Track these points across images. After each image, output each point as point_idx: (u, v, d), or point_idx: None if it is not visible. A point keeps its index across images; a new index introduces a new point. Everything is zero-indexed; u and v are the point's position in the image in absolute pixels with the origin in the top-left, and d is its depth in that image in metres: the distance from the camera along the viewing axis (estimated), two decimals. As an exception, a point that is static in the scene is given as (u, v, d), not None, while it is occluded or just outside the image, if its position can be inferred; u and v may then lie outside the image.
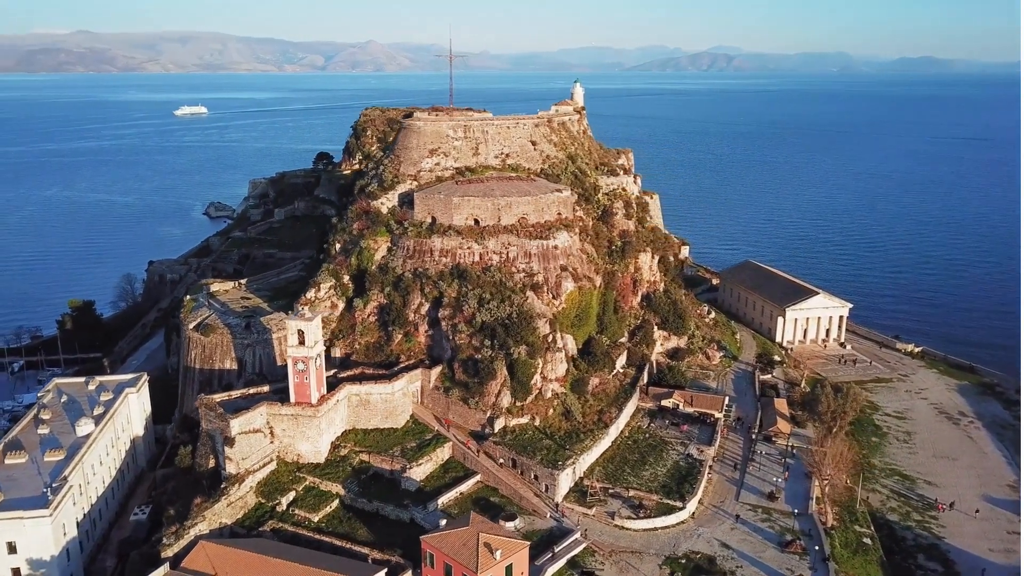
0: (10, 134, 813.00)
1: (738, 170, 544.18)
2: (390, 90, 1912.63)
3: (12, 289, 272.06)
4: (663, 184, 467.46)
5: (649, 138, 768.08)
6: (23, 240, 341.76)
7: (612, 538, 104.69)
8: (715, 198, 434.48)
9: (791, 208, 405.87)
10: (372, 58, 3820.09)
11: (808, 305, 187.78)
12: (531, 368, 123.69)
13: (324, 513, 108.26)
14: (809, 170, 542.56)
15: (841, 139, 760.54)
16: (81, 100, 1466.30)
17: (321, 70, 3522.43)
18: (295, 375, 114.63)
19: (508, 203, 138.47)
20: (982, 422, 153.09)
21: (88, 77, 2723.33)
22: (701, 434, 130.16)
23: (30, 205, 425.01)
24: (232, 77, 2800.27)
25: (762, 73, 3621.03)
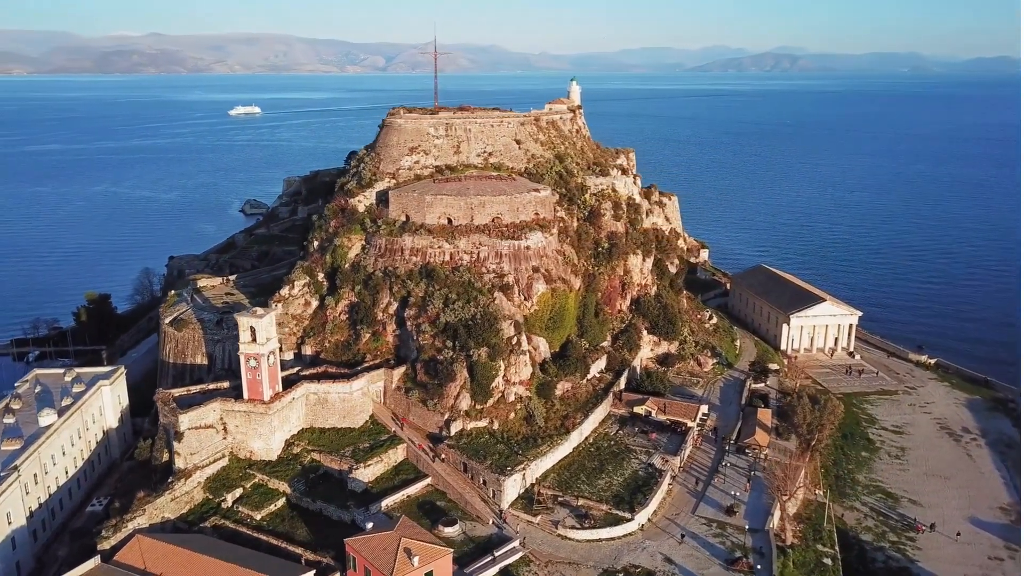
0: (74, 132, 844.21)
1: (781, 172, 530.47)
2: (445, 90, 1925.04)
3: (41, 281, 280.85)
4: (698, 186, 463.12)
5: (692, 139, 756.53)
6: (62, 233, 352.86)
7: (553, 548, 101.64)
8: (752, 200, 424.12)
9: (832, 212, 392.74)
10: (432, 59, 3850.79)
11: (814, 312, 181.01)
12: (491, 370, 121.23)
13: (268, 511, 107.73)
14: (856, 173, 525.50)
15: (897, 141, 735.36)
16: (146, 100, 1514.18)
17: (382, 71, 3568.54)
18: (247, 372, 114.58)
19: (481, 202, 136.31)
20: (985, 439, 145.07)
21: (158, 78, 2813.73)
22: (669, 443, 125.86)
23: (78, 200, 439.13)
24: (294, 78, 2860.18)
25: (828, 74, 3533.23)
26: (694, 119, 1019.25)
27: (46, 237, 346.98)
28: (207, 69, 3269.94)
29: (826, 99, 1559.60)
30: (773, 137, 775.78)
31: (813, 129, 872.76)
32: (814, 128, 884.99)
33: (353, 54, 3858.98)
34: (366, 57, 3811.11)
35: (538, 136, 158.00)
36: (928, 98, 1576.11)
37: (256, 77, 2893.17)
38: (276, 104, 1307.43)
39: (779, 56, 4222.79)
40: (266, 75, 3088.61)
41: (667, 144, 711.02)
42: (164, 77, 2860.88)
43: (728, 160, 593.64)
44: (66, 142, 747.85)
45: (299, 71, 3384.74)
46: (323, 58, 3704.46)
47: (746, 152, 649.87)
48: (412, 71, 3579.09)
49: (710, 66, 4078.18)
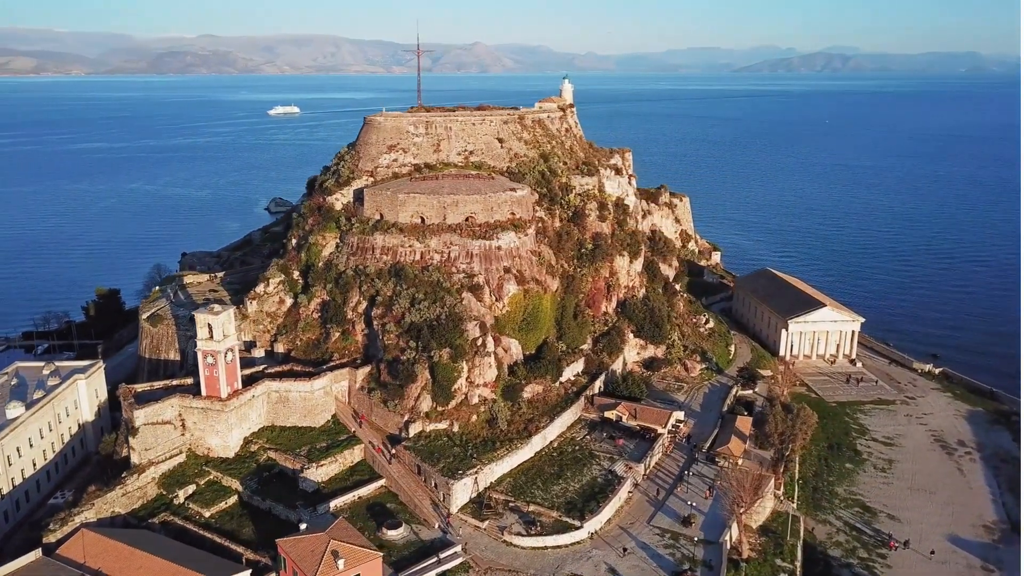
0: (120, 131, 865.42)
1: (815, 174, 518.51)
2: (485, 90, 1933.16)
3: (63, 275, 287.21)
4: (727, 187, 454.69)
5: (728, 140, 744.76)
6: (90, 229, 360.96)
7: (496, 554, 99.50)
8: (781, 202, 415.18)
9: (862, 216, 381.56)
10: (477, 60, 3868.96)
11: (813, 318, 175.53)
12: (453, 372, 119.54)
13: (218, 509, 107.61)
14: (895, 174, 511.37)
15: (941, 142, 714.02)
16: (193, 100, 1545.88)
17: (427, 71, 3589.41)
18: (205, 368, 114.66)
19: (455, 201, 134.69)
20: (981, 453, 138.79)
21: (209, 78, 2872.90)
22: (636, 450, 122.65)
23: (111, 197, 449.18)
24: (340, 78, 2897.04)
25: (881, 74, 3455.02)
26: (735, 120, 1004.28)
27: (75, 232, 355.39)
28: (257, 70, 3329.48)
29: (876, 100, 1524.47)
30: (810, 139, 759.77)
31: (856, 130, 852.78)
32: (856, 129, 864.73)
33: (399, 55, 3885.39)
34: (412, 58, 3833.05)
35: (522, 135, 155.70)
36: (982, 99, 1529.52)
37: (303, 78, 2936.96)
38: (316, 104, 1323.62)
39: (830, 56, 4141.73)
40: (313, 75, 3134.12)
41: (702, 145, 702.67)
42: (214, 78, 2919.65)
43: (761, 161, 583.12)
44: (111, 140, 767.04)
45: (346, 71, 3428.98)
46: (370, 59, 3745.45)
47: (781, 153, 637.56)
48: (457, 71, 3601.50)
49: (759, 66, 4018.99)
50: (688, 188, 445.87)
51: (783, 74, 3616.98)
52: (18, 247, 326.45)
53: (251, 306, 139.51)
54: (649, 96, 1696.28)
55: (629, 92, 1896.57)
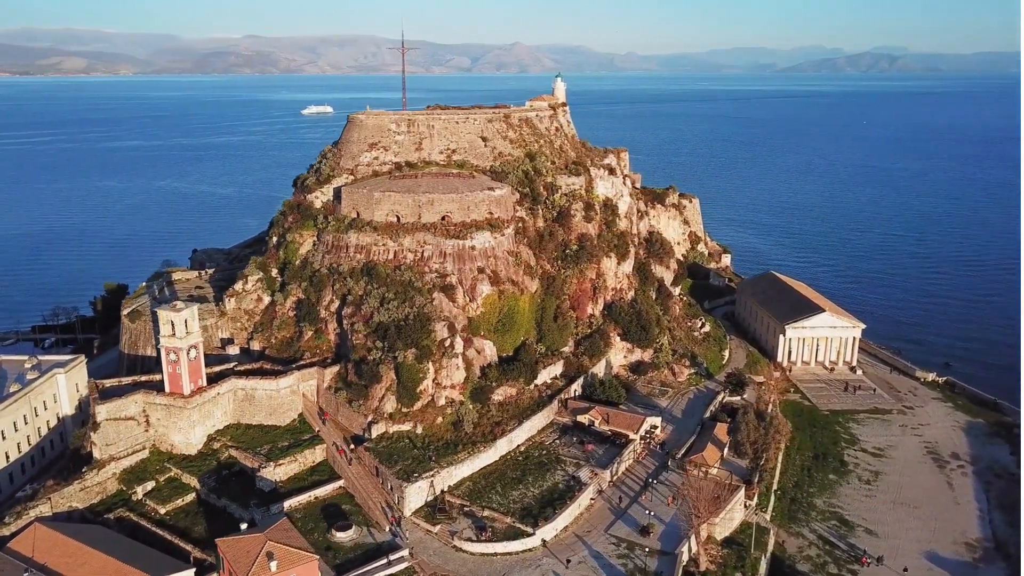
0: (158, 129, 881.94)
1: (846, 176, 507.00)
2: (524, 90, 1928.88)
3: (80, 270, 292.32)
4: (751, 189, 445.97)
5: (758, 140, 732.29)
6: (113, 225, 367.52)
7: (444, 560, 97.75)
8: (805, 205, 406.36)
9: (891, 220, 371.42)
10: (517, 60, 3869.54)
11: (811, 323, 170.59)
12: (418, 373, 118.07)
13: (174, 506, 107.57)
14: (931, 177, 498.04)
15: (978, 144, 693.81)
16: (232, 99, 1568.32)
17: (467, 72, 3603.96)
18: (168, 365, 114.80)
19: (430, 200, 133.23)
20: (974, 467, 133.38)
21: (251, 78, 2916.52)
22: (605, 456, 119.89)
23: (139, 194, 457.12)
24: (380, 78, 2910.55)
25: (930, 75, 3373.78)
26: (771, 121, 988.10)
27: (98, 228, 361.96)
28: (299, 70, 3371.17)
29: (920, 100, 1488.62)
30: (844, 140, 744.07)
31: (892, 131, 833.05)
32: (893, 130, 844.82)
33: (440, 55, 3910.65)
34: (452, 58, 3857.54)
35: (507, 133, 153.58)
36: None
37: (344, 78, 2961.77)
38: (352, 104, 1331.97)
39: (877, 56, 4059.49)
40: (354, 76, 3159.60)
41: (732, 146, 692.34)
42: (257, 78, 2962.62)
43: (790, 163, 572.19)
44: (147, 138, 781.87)
45: (387, 72, 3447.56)
46: (410, 59, 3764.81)
47: (813, 155, 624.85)
48: (496, 71, 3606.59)
49: (803, 67, 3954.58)
50: (712, 190, 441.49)
51: (828, 74, 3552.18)
52: (41, 242, 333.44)
53: (229, 303, 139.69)
54: (689, 96, 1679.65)
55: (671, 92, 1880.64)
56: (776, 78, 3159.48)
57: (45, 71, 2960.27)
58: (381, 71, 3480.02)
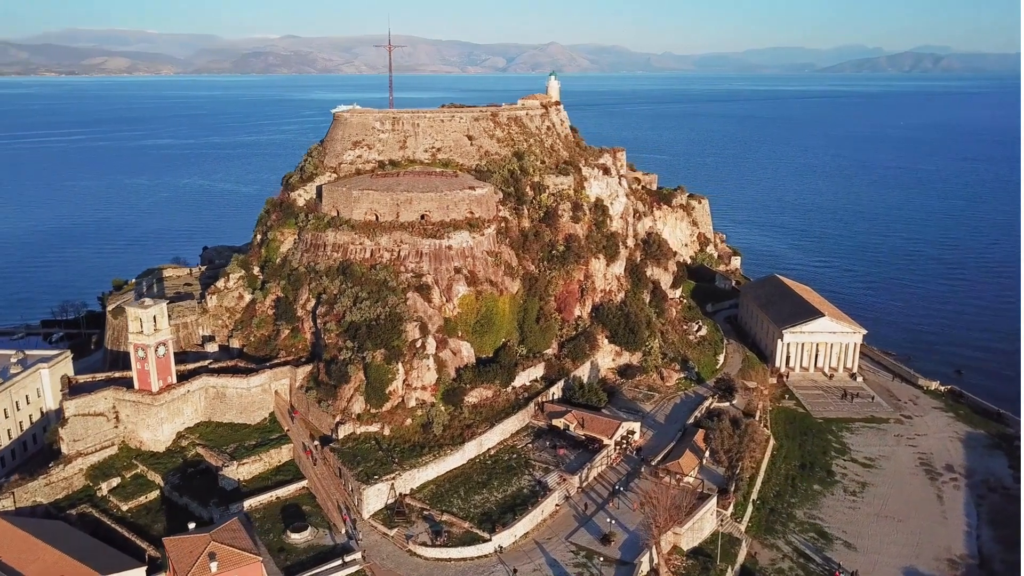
0: (191, 128, 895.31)
1: (876, 178, 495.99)
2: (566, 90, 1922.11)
3: (95, 265, 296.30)
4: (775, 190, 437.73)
5: (791, 141, 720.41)
6: (135, 221, 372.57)
7: (397, 564, 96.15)
8: (830, 207, 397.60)
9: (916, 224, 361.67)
10: (552, 59, 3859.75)
11: (810, 328, 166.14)
12: (387, 373, 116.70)
13: (137, 503, 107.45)
14: (965, 179, 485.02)
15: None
16: (268, 98, 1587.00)
17: (502, 72, 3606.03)
18: (136, 362, 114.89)
19: (408, 199, 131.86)
20: (968, 480, 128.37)
21: (289, 78, 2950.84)
22: (577, 461, 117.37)
23: (165, 191, 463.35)
24: (415, 78, 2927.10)
25: (975, 75, 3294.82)
26: (805, 122, 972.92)
27: (120, 224, 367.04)
28: (336, 70, 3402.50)
29: (963, 101, 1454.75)
30: (880, 141, 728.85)
31: (929, 132, 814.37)
32: (930, 131, 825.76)
33: (475, 55, 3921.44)
34: (487, 58, 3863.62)
35: (494, 132, 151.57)
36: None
37: (379, 77, 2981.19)
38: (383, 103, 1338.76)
39: (919, 55, 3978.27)
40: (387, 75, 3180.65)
41: (759, 147, 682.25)
42: (294, 77, 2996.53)
43: (819, 164, 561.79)
44: (180, 137, 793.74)
45: (422, 71, 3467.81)
46: (446, 59, 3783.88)
47: (843, 156, 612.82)
48: (532, 71, 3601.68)
49: (843, 67, 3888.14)
50: (735, 191, 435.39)
51: (868, 75, 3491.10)
52: (62, 237, 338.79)
53: (211, 301, 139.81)
54: (722, 97, 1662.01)
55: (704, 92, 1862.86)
56: (814, 78, 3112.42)
57: (89, 71, 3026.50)
58: (417, 71, 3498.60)
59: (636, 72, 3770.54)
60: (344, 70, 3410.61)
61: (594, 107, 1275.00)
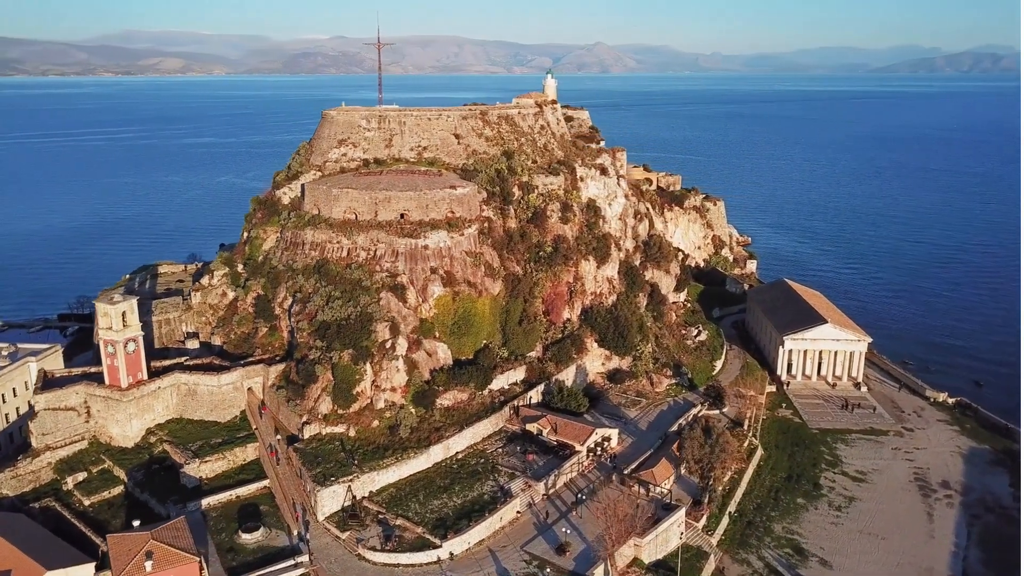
0: (235, 127, 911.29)
1: (917, 181, 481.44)
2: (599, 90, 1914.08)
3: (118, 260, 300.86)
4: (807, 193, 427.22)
5: (832, 143, 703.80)
6: (166, 218, 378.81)
7: (344, 568, 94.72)
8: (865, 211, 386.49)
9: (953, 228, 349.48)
10: (598, 60, 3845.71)
11: (812, 335, 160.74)
12: (353, 374, 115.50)
13: (100, 498, 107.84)
14: (1004, 185, 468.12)
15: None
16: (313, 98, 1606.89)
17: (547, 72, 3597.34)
18: (106, 357, 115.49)
19: (387, 197, 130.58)
20: (963, 497, 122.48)
21: (336, 78, 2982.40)
22: (546, 467, 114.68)
23: (198, 188, 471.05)
24: (461, 78, 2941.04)
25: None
26: (853, 123, 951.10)
27: (150, 221, 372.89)
28: (383, 70, 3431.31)
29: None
30: (927, 143, 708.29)
31: (981, 134, 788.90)
32: (983, 133, 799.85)
33: (521, 55, 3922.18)
34: (533, 58, 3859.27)
35: (483, 131, 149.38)
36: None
37: (425, 77, 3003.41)
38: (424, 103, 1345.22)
39: (979, 55, 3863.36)
40: (435, 75, 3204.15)
41: (798, 148, 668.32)
42: (342, 77, 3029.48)
43: (858, 168, 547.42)
44: (222, 136, 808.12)
45: (468, 72, 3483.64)
46: (492, 59, 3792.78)
47: (883, 158, 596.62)
48: (577, 71, 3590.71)
49: (897, 67, 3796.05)
50: (766, 193, 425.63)
51: (924, 75, 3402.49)
52: (91, 233, 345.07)
53: (195, 297, 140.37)
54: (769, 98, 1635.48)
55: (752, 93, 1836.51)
56: (867, 79, 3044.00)
57: (144, 71, 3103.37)
58: (463, 71, 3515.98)
59: (684, 72, 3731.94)
60: (391, 70, 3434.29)
61: (638, 107, 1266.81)
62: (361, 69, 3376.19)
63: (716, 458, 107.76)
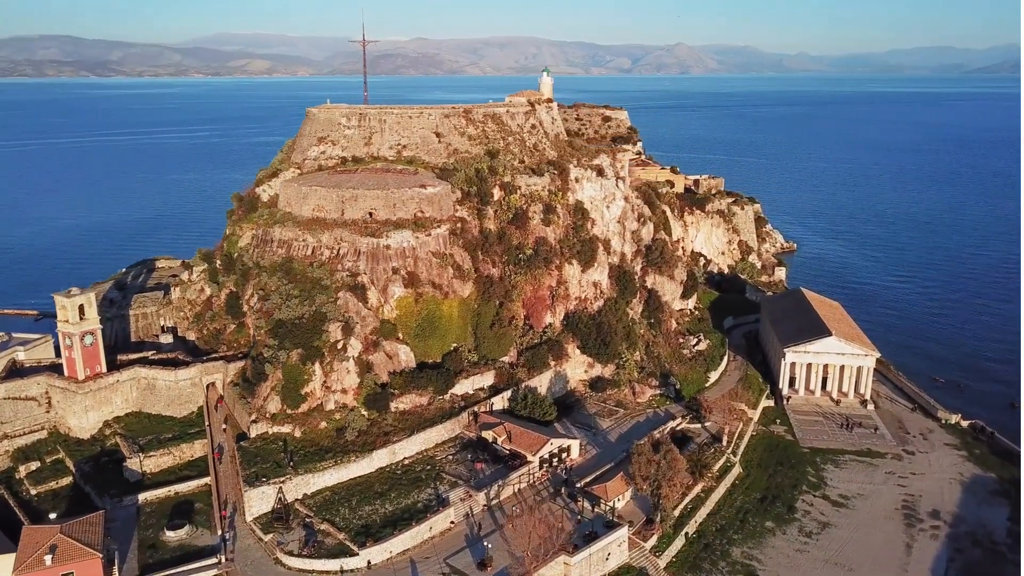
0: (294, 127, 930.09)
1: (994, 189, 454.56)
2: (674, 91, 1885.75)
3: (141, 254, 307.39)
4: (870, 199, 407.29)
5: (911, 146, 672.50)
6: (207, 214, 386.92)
7: (259, 571, 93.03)
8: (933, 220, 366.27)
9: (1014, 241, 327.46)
10: (678, 61, 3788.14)
11: (814, 348, 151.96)
12: (301, 374, 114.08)
13: (47, 488, 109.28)
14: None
15: None
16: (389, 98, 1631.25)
17: (626, 73, 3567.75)
18: (64, 349, 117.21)
19: (353, 196, 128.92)
20: (952, 529, 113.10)
21: (415, 79, 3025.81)
22: (493, 476, 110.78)
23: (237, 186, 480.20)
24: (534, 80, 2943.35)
25: None
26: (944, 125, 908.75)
27: (181, 218, 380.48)
28: (461, 71, 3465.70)
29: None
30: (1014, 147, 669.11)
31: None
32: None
33: (599, 56, 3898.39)
34: (612, 59, 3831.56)
35: (466, 129, 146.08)
36: None
37: (501, 79, 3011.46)
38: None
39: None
40: (512, 76, 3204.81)
41: (863, 151, 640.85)
42: (420, 78, 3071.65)
43: (932, 173, 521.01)
44: (280, 134, 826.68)
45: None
46: (570, 60, 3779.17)
47: (961, 164, 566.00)
48: (656, 72, 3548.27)
49: (998, 67, 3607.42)
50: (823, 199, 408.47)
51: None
52: (143, 227, 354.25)
53: (175, 292, 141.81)
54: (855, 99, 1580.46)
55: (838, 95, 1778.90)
56: (965, 80, 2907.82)
57: (233, 72, 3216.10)
58: (538, 72, 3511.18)
59: (767, 73, 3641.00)
60: (469, 71, 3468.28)
61: (715, 109, 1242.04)
62: (440, 70, 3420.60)
63: (663, 475, 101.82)
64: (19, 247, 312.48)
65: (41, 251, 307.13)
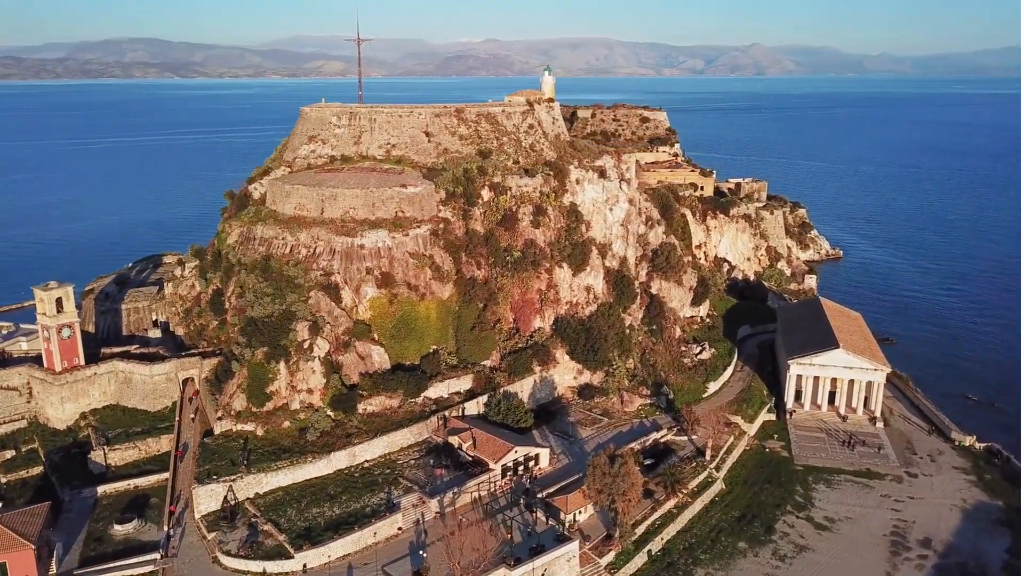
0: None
1: None
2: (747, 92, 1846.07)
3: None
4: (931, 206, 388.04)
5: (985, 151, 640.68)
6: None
7: (195, 569, 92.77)
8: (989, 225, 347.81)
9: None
10: (754, 62, 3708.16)
11: (821, 360, 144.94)
12: (266, 373, 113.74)
13: (16, 476, 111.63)
14: None
15: None
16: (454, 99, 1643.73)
17: (699, 74, 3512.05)
18: (43, 342, 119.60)
19: (333, 195, 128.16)
20: (942, 559, 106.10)
21: (485, 80, 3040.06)
22: (448, 483, 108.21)
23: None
24: (608, 81, 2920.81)
25: None
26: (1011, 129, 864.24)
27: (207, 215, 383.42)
28: (531, 72, 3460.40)
29: None
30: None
31: None
32: None
33: (672, 56, 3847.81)
34: (685, 60, 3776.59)
35: (457, 129, 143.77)
36: None
37: (572, 80, 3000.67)
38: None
39: None
40: (583, 78, 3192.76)
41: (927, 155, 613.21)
42: (490, 79, 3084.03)
43: (1003, 179, 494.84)
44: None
45: (617, 74, 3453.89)
46: (642, 61, 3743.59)
47: None
48: (731, 74, 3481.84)
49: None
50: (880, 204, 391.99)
51: None
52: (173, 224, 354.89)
53: (167, 288, 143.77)
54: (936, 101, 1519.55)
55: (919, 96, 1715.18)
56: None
57: (309, 73, 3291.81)
58: (611, 73, 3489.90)
59: (846, 74, 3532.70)
60: (539, 72, 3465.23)
61: (781, 111, 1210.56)
62: (511, 71, 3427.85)
63: (617, 489, 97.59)
64: (59, 241, 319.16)
65: (81, 243, 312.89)
